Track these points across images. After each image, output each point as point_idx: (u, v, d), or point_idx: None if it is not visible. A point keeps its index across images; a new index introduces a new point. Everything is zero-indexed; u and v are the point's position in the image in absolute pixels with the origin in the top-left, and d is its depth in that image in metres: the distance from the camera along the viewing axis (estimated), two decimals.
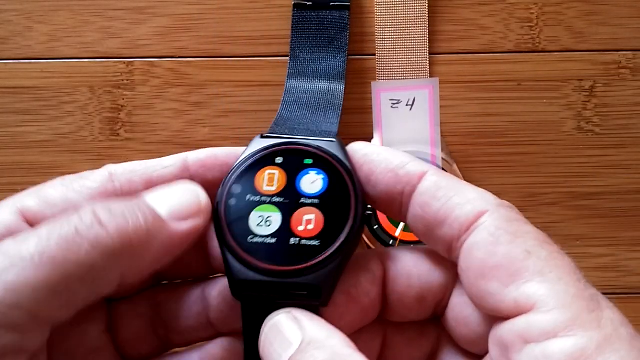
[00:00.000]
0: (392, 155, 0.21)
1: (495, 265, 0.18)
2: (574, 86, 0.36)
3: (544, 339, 0.17)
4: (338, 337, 0.19)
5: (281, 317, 0.20)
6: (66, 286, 0.17)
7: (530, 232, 0.19)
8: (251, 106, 0.36)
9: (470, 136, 0.36)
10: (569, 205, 0.37)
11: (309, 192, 0.21)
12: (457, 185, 0.20)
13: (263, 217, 0.21)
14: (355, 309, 0.21)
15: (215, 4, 0.36)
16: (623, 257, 0.37)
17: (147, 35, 0.36)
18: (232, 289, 0.21)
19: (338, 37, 0.34)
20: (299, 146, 0.22)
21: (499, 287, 0.18)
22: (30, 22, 0.36)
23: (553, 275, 0.18)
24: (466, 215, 0.19)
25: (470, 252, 0.19)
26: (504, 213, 0.19)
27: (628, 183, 0.37)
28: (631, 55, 0.36)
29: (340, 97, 0.31)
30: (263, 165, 0.22)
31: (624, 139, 0.36)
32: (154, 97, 0.36)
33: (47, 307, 0.17)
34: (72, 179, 0.21)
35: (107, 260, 0.17)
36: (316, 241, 0.20)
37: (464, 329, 0.21)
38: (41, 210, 0.20)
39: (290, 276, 0.20)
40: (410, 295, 0.21)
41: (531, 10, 0.36)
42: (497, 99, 0.36)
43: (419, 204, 0.20)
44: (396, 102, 0.36)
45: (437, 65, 0.36)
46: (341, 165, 0.21)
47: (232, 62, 0.36)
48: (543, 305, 0.17)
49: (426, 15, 0.36)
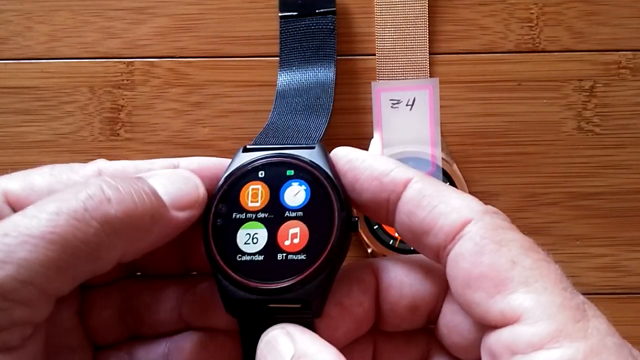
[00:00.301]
0: (377, 161, 0.21)
1: (481, 275, 0.18)
2: (574, 86, 0.36)
3: (530, 350, 0.17)
4: (328, 350, 0.19)
5: (274, 332, 0.20)
6: (73, 263, 0.17)
7: (515, 239, 0.19)
8: (251, 106, 0.36)
9: (470, 136, 0.36)
10: (569, 205, 0.37)
11: (293, 205, 0.21)
12: (441, 193, 0.20)
13: (250, 234, 0.21)
14: (349, 319, 0.21)
15: (215, 4, 0.36)
16: (623, 257, 0.37)
17: (147, 35, 0.36)
18: (226, 307, 0.21)
19: (326, 43, 0.34)
20: (279, 158, 0.22)
21: (484, 297, 0.18)
22: (30, 22, 0.36)
23: (538, 285, 0.17)
24: (451, 225, 0.19)
25: (456, 261, 0.19)
26: (489, 221, 0.19)
27: (628, 183, 0.37)
28: (631, 55, 0.36)
29: (330, 103, 0.31)
30: (246, 181, 0.22)
31: (624, 139, 0.36)
32: (154, 97, 0.36)
33: (55, 283, 0.17)
34: (61, 169, 0.21)
35: (113, 239, 0.18)
36: (302, 255, 0.20)
37: (456, 336, 0.21)
38: (25, 195, 0.20)
39: (280, 293, 0.20)
40: (403, 305, 0.21)
41: (531, 10, 0.36)
42: (497, 99, 0.36)
43: (404, 212, 0.20)
44: (396, 102, 0.36)
45: (437, 65, 0.36)
46: (322, 174, 0.21)
47: (232, 62, 0.36)
48: (528, 316, 0.17)
49: (426, 15, 0.36)
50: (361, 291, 0.21)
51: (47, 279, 0.16)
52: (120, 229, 0.18)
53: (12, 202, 0.20)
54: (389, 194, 0.20)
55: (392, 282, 0.22)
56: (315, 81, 0.33)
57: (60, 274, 0.17)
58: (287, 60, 0.34)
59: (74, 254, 0.17)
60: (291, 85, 0.33)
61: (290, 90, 0.33)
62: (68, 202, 0.17)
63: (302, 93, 0.32)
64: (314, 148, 0.22)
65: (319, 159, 0.22)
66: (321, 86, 0.32)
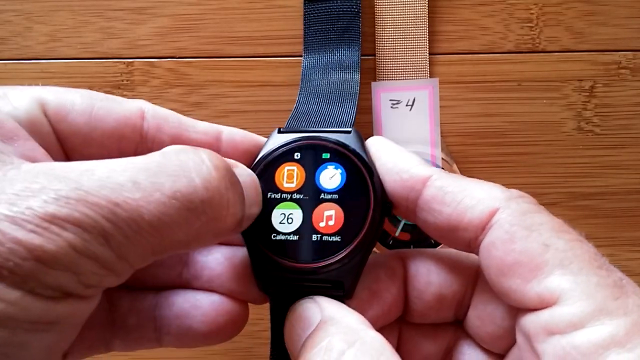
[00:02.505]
0: (400, 157, 0.21)
1: (514, 262, 0.18)
2: (574, 86, 0.36)
3: (570, 330, 0.17)
4: (354, 315, 0.19)
5: (303, 302, 0.20)
6: (168, 251, 0.16)
7: (545, 222, 0.19)
8: (251, 106, 0.36)
9: (470, 136, 0.36)
10: (569, 205, 0.37)
11: (328, 188, 0.21)
12: (463, 187, 0.20)
13: (285, 214, 0.21)
14: (377, 304, 0.21)
15: (215, 4, 0.36)
16: (623, 257, 0.37)
17: (147, 35, 0.36)
18: (259, 286, 0.21)
19: (351, 26, 0.34)
20: (315, 141, 0.22)
21: (520, 283, 0.18)
22: (30, 22, 0.36)
23: (574, 266, 0.17)
24: (479, 217, 0.19)
25: (488, 251, 0.19)
26: (516, 207, 0.19)
27: (628, 183, 0.37)
28: (631, 55, 0.36)
29: (356, 86, 0.31)
30: (282, 162, 0.22)
31: (624, 139, 0.36)
32: (154, 97, 0.36)
33: (145, 263, 0.16)
34: (101, 96, 0.20)
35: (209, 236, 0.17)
36: (337, 237, 0.21)
37: (490, 325, 0.21)
38: (65, 112, 0.19)
39: (314, 273, 0.20)
40: (430, 292, 0.22)
41: (531, 11, 0.36)
42: (497, 99, 0.36)
43: (426, 210, 0.20)
44: (396, 102, 0.35)
45: (437, 66, 0.36)
46: (358, 158, 0.22)
47: (232, 62, 0.36)
48: (567, 297, 0.17)
49: (426, 16, 0.36)
50: (389, 277, 0.22)
51: (141, 259, 0.16)
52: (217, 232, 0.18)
53: (49, 115, 0.19)
54: (408, 192, 0.21)
55: (419, 270, 0.22)
56: (340, 64, 0.33)
57: (154, 256, 0.16)
58: (312, 43, 0.34)
59: (173, 243, 0.16)
60: (316, 68, 0.33)
61: (316, 74, 0.33)
62: (185, 186, 0.16)
63: (328, 76, 0.32)
64: (349, 133, 0.22)
65: (354, 144, 0.22)
66: (347, 69, 0.33)
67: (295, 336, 0.19)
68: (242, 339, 0.22)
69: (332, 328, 0.18)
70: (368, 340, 0.18)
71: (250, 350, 0.36)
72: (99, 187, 0.15)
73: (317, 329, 0.19)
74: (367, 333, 0.18)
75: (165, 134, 0.21)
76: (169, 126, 0.21)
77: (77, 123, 0.19)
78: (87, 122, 0.19)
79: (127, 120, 0.20)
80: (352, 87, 0.31)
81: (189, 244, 0.17)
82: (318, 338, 0.18)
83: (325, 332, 0.18)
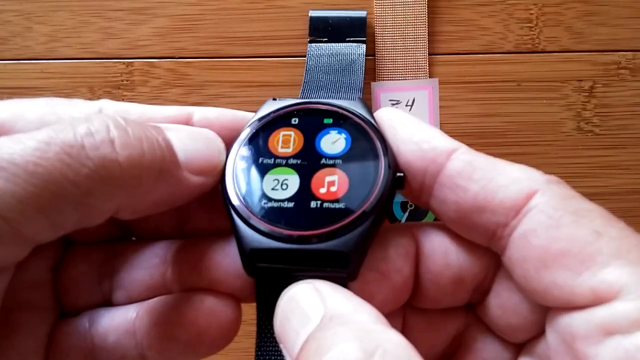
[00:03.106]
0: (419, 126, 0.19)
1: (561, 251, 0.16)
2: (574, 86, 0.36)
3: (635, 329, 0.14)
4: (367, 310, 0.15)
5: (300, 287, 0.17)
6: (57, 205, 0.15)
7: (593, 209, 0.16)
8: (251, 107, 0.36)
9: (470, 136, 0.36)
10: None
11: (331, 153, 0.19)
12: (496, 164, 0.17)
13: (279, 180, 0.19)
14: (386, 288, 0.19)
15: (215, 4, 0.36)
16: None
17: (146, 35, 0.36)
18: (244, 260, 0.18)
19: (354, 65, 0.32)
20: (315, 104, 0.20)
21: (569, 276, 0.15)
22: (30, 22, 0.36)
23: (632, 256, 0.15)
24: (513, 198, 0.17)
25: (525, 240, 0.16)
26: (558, 190, 0.17)
27: (628, 183, 0.37)
28: (631, 55, 0.36)
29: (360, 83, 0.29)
30: (277, 127, 0.20)
31: (624, 140, 0.36)
32: (154, 97, 0.36)
33: (33, 223, 0.14)
34: (59, 102, 0.19)
35: (109, 187, 0.15)
36: (341, 204, 0.18)
37: (513, 316, 0.18)
38: (13, 123, 0.18)
39: (312, 242, 0.17)
40: (447, 275, 0.19)
41: (531, 11, 0.36)
42: (497, 99, 0.36)
43: (450, 187, 0.17)
44: (396, 102, 0.36)
45: (436, 66, 0.36)
46: (366, 123, 0.19)
47: (231, 62, 0.36)
48: (629, 291, 0.15)
49: (426, 16, 0.36)
50: (400, 256, 0.19)
51: (23, 216, 0.14)
52: (119, 177, 0.15)
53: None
54: (428, 164, 0.18)
55: (436, 248, 0.19)
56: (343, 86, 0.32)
57: (40, 214, 0.14)
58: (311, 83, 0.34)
59: (59, 194, 0.14)
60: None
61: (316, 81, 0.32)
62: (63, 134, 0.15)
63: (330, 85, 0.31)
64: (354, 100, 0.20)
65: (361, 109, 0.20)
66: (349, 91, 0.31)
67: (292, 331, 0.16)
68: (242, 339, 0.22)
69: (341, 329, 0.15)
70: (391, 347, 0.14)
71: (251, 350, 0.36)
72: None
73: (322, 328, 0.15)
74: (388, 336, 0.14)
75: None
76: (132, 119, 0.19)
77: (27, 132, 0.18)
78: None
79: None
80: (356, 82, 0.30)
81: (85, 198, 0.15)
82: (327, 342, 0.14)
83: (334, 335, 0.14)
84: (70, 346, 0.20)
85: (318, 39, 0.34)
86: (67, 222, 0.15)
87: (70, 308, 0.20)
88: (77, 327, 0.20)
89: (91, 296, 0.20)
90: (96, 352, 0.20)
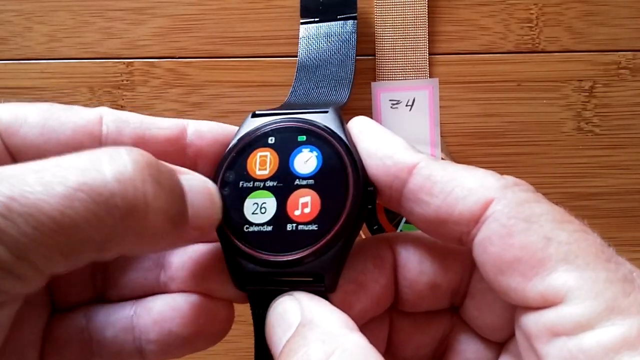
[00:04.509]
0: (384, 140, 0.19)
1: (514, 258, 0.16)
2: (574, 86, 0.36)
3: (578, 331, 0.15)
4: (336, 316, 0.17)
5: (282, 299, 0.19)
6: (79, 251, 0.15)
7: (545, 212, 0.17)
8: (251, 106, 0.36)
9: (470, 137, 0.36)
10: (568, 205, 0.36)
11: (303, 173, 0.20)
12: (453, 176, 0.18)
13: (258, 204, 0.20)
14: (364, 297, 0.20)
15: (215, 4, 0.36)
16: (623, 257, 0.37)
17: (147, 35, 0.36)
18: (235, 283, 0.20)
19: (346, 44, 0.33)
20: (289, 123, 0.21)
21: (521, 281, 0.16)
22: (30, 22, 0.36)
23: (579, 260, 0.16)
24: (471, 210, 0.17)
25: (483, 247, 0.17)
26: (512, 197, 0.17)
27: (628, 183, 0.37)
28: (631, 55, 0.36)
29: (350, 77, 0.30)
30: (255, 148, 0.20)
31: (624, 140, 0.36)
32: (154, 97, 0.36)
33: (55, 266, 0.15)
34: (60, 108, 0.19)
35: (131, 236, 0.16)
36: (314, 225, 0.19)
37: (489, 316, 0.20)
38: (16, 127, 0.18)
39: (290, 265, 0.19)
40: (423, 282, 0.20)
41: (531, 11, 0.36)
42: (497, 99, 0.36)
43: (413, 201, 0.18)
44: (396, 102, 0.36)
45: (436, 66, 0.36)
46: (335, 138, 0.20)
47: (231, 62, 0.36)
48: (574, 296, 0.15)
49: (426, 16, 0.36)
50: (377, 267, 0.20)
51: (47, 261, 0.14)
52: (142, 227, 0.16)
53: (1, 131, 0.18)
54: (392, 180, 0.19)
55: (410, 257, 0.20)
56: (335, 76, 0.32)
57: (63, 258, 0.15)
58: (306, 62, 0.34)
59: (84, 242, 0.15)
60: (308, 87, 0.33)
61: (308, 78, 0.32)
62: (92, 178, 0.15)
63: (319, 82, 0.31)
64: (327, 112, 0.21)
65: (332, 123, 0.20)
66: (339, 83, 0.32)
67: (276, 338, 0.18)
68: (242, 339, 0.22)
69: (310, 334, 0.17)
70: (349, 347, 0.16)
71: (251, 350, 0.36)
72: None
73: (295, 334, 0.17)
74: (348, 338, 0.16)
75: (127, 137, 0.20)
76: (130, 128, 0.20)
77: (30, 136, 0.19)
78: (40, 135, 0.19)
79: (83, 128, 0.19)
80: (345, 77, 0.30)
81: (106, 243, 0.15)
82: (296, 345, 0.17)
83: (302, 339, 0.17)
84: (67, 340, 0.20)
85: (309, 20, 0.34)
86: (84, 261, 0.16)
87: (62, 303, 0.21)
88: (73, 321, 0.21)
89: (84, 292, 0.21)
90: (93, 346, 0.20)
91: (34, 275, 0.15)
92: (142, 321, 0.20)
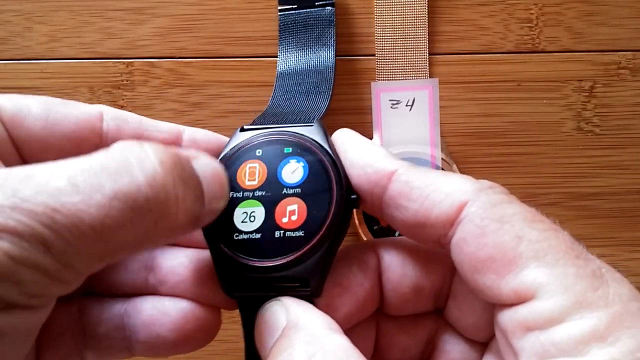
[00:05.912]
0: (365, 150, 0.20)
1: (487, 257, 0.17)
2: (574, 86, 0.36)
3: (549, 325, 0.16)
4: (320, 319, 0.18)
5: (270, 305, 0.19)
6: (115, 254, 0.16)
7: (517, 213, 0.18)
8: (251, 106, 0.36)
9: (470, 136, 0.36)
10: (568, 205, 0.37)
11: (291, 182, 0.21)
12: (430, 181, 0.19)
13: (247, 213, 0.20)
14: (349, 300, 0.20)
15: (215, 4, 0.36)
16: (623, 257, 0.37)
17: (147, 35, 0.36)
18: (224, 289, 0.20)
19: (325, 34, 0.34)
20: (276, 136, 0.22)
21: (495, 279, 0.17)
22: (30, 22, 0.36)
23: (549, 257, 0.17)
24: (447, 212, 0.18)
25: (459, 247, 0.18)
26: (485, 199, 0.18)
27: (628, 183, 0.37)
28: (631, 55, 0.36)
29: (328, 89, 0.30)
30: (243, 160, 0.21)
31: (624, 139, 0.36)
32: (154, 97, 0.36)
33: (94, 268, 0.16)
34: (59, 102, 0.20)
35: (162, 237, 0.17)
36: (300, 232, 0.20)
37: (470, 316, 0.20)
38: (20, 117, 0.19)
39: (278, 270, 0.20)
40: (406, 285, 0.21)
41: (531, 11, 0.36)
42: (497, 99, 0.36)
43: (393, 206, 0.19)
44: (396, 102, 0.36)
45: (436, 66, 0.36)
46: (320, 150, 0.21)
47: (231, 62, 0.36)
48: (544, 291, 0.16)
49: (426, 16, 0.36)
50: (362, 271, 0.21)
51: (88, 266, 0.15)
52: (172, 228, 0.17)
53: (5, 121, 0.19)
54: (373, 187, 0.20)
55: (394, 261, 0.21)
56: (315, 69, 0.33)
57: (101, 261, 0.16)
58: (286, 50, 0.34)
59: (121, 246, 0.16)
60: (290, 73, 0.33)
61: (289, 78, 0.33)
62: (128, 185, 0.15)
63: (301, 81, 0.32)
64: (312, 125, 0.22)
65: (317, 136, 0.21)
66: (320, 74, 0.32)
67: (264, 342, 0.19)
68: (241, 339, 0.22)
69: (294, 336, 0.17)
70: (331, 348, 0.17)
71: None
72: (36, 192, 0.14)
73: (281, 337, 0.18)
74: (331, 339, 0.17)
75: (126, 135, 0.20)
76: (129, 127, 0.21)
77: (34, 128, 0.19)
78: (44, 127, 0.19)
79: (85, 122, 0.20)
80: (325, 89, 0.31)
81: (138, 245, 0.16)
82: (282, 347, 0.17)
83: (288, 341, 0.17)
84: (61, 332, 0.21)
85: (288, 7, 0.35)
86: (116, 260, 0.17)
87: None
88: (66, 313, 0.21)
89: None
90: (87, 339, 0.21)
91: (75, 278, 0.15)
92: (132, 321, 0.21)
